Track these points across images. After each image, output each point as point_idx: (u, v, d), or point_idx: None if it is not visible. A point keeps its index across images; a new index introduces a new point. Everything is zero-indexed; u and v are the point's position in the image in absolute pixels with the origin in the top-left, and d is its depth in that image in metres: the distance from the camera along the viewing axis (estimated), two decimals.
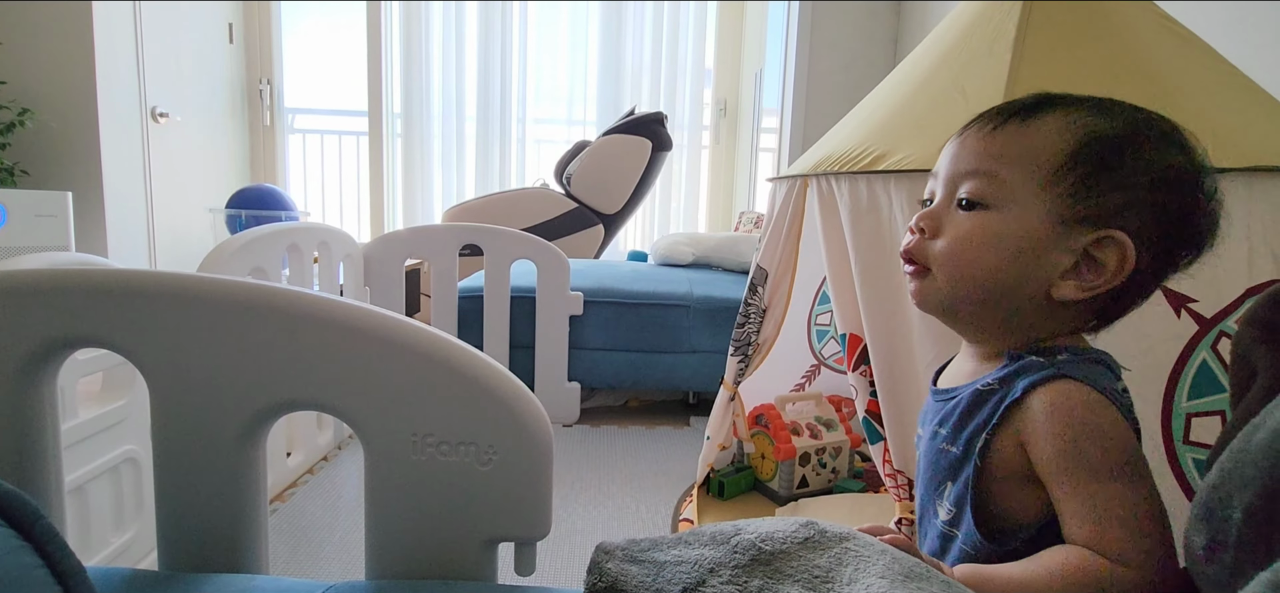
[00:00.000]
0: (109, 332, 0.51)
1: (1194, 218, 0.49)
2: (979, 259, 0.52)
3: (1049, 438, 0.48)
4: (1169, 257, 0.50)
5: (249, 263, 1.27)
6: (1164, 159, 0.49)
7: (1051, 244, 0.50)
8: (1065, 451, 0.47)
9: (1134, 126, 0.50)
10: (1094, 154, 0.49)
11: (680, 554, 0.43)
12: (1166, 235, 0.49)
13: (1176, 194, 0.49)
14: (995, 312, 0.53)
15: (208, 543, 0.54)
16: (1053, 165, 0.50)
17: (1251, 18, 1.46)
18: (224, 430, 0.52)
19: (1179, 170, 0.49)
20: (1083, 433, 0.47)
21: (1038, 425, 0.48)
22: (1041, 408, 0.48)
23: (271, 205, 2.69)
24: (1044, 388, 0.49)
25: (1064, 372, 0.49)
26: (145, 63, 2.77)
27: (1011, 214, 0.51)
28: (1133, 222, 0.48)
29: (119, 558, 0.99)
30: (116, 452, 0.98)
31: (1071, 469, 0.47)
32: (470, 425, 0.52)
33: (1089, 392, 0.48)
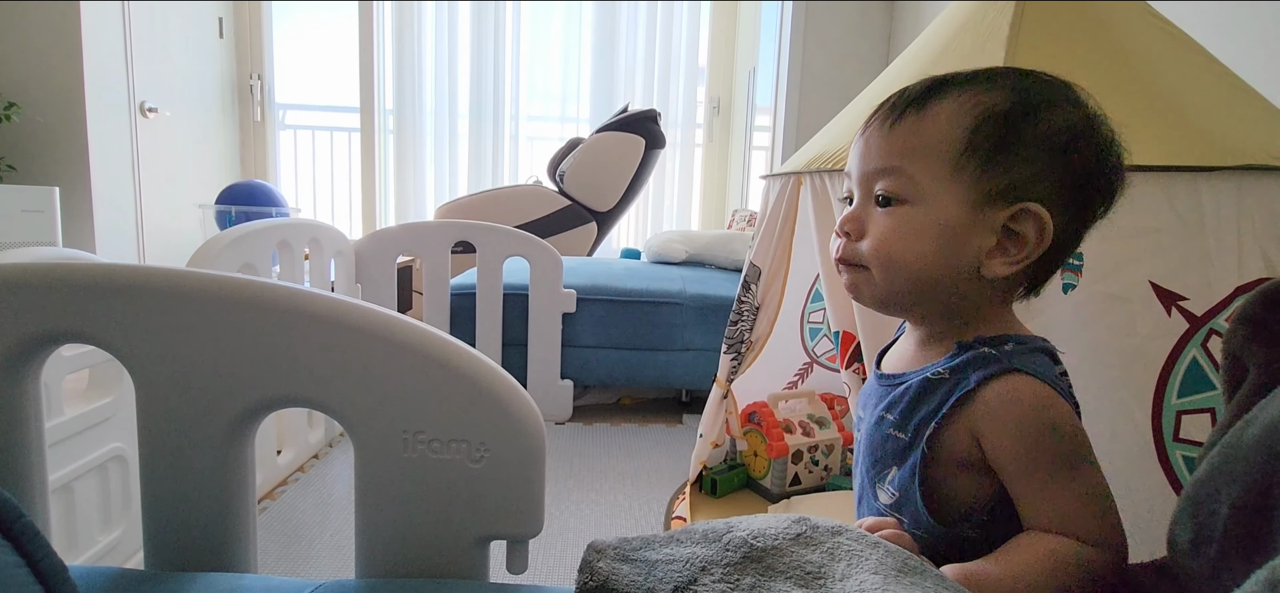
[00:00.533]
0: (93, 327, 0.50)
1: (1102, 170, 0.51)
2: (905, 254, 0.53)
3: (1006, 435, 0.49)
4: (1086, 212, 0.52)
5: (239, 259, 1.25)
6: (1060, 120, 0.50)
7: (971, 227, 0.51)
8: (1026, 449, 0.49)
9: (1024, 94, 0.51)
10: (991, 132, 0.50)
11: (672, 553, 0.42)
12: (1079, 193, 0.50)
13: (1079, 152, 0.50)
14: (931, 299, 0.54)
15: (195, 542, 0.54)
16: (955, 152, 0.51)
17: (1242, 18, 1.47)
18: (212, 427, 0.52)
19: (1076, 127, 0.50)
20: (1040, 431, 0.48)
21: (993, 421, 0.49)
22: (995, 404, 0.49)
23: (262, 202, 2.67)
24: (996, 382, 0.50)
25: (1014, 365, 0.50)
26: (134, 57, 2.74)
27: (927, 206, 0.52)
28: (1043, 188, 0.50)
29: (106, 557, 0.98)
30: (103, 450, 0.97)
31: (1033, 467, 0.49)
32: (462, 422, 0.52)
33: (1039, 387, 0.49)
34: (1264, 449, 0.29)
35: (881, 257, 0.54)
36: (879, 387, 0.59)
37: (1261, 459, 0.29)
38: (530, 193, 2.98)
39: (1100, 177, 0.51)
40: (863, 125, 0.57)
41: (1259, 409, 0.31)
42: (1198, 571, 0.39)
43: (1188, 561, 0.40)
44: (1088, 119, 0.50)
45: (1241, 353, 0.37)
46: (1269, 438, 0.29)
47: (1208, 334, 0.85)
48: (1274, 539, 0.28)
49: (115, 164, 2.69)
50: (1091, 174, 0.50)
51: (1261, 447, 0.29)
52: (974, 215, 0.51)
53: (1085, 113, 0.51)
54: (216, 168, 3.40)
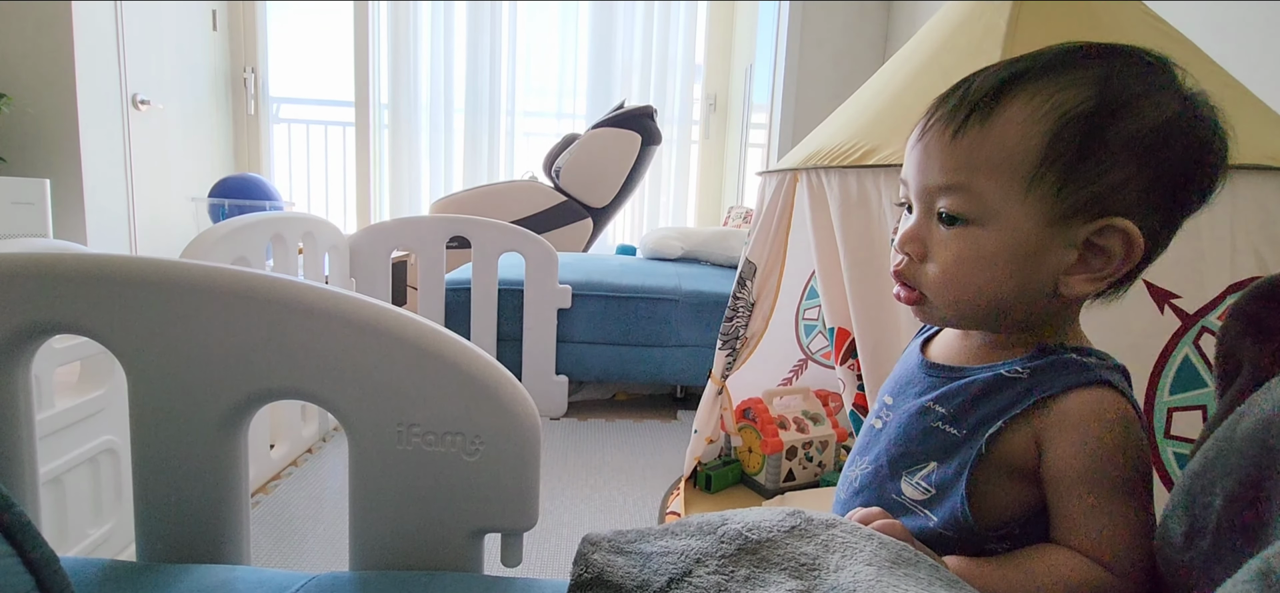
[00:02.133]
0: (85, 317, 0.50)
1: (1200, 165, 0.45)
2: (973, 281, 0.48)
3: (1078, 446, 0.45)
4: (1180, 211, 0.46)
5: (232, 253, 1.25)
6: (1151, 116, 0.44)
7: (1048, 247, 0.46)
8: (1094, 465, 0.45)
9: (1109, 89, 0.44)
10: (1071, 139, 0.44)
11: (667, 545, 0.42)
12: (1172, 194, 0.45)
13: (1173, 149, 0.44)
14: (1001, 319, 0.50)
15: (187, 534, 0.53)
16: (1030, 165, 0.45)
17: (1235, 18, 1.48)
18: (204, 419, 0.51)
19: (1170, 123, 0.44)
20: (1114, 450, 0.45)
21: (1069, 431, 0.46)
22: (1079, 413, 0.45)
23: (255, 195, 2.65)
24: (1085, 392, 0.46)
25: (1104, 378, 0.46)
26: (126, 49, 2.72)
27: (998, 227, 0.46)
28: (1131, 197, 0.44)
29: (97, 550, 0.97)
30: (95, 442, 0.96)
31: (1093, 484, 0.45)
32: (457, 415, 0.52)
33: (1126, 406, 0.46)
34: (1257, 442, 0.29)
35: (948, 284, 0.49)
36: (925, 375, 0.54)
37: (1255, 452, 0.29)
38: (526, 188, 2.97)
39: (1198, 172, 0.45)
40: (921, 126, 0.51)
41: (1252, 402, 0.31)
42: (1190, 563, 0.39)
43: (1179, 554, 0.40)
44: (1183, 108, 0.44)
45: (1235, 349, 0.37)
46: (1262, 431, 0.29)
47: (1200, 332, 0.85)
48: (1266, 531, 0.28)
49: (107, 157, 2.67)
50: (1187, 172, 0.45)
51: (1255, 439, 0.29)
52: (1052, 233, 0.46)
53: (1180, 100, 0.44)
54: (210, 161, 3.38)
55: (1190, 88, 0.45)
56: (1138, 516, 0.45)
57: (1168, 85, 0.45)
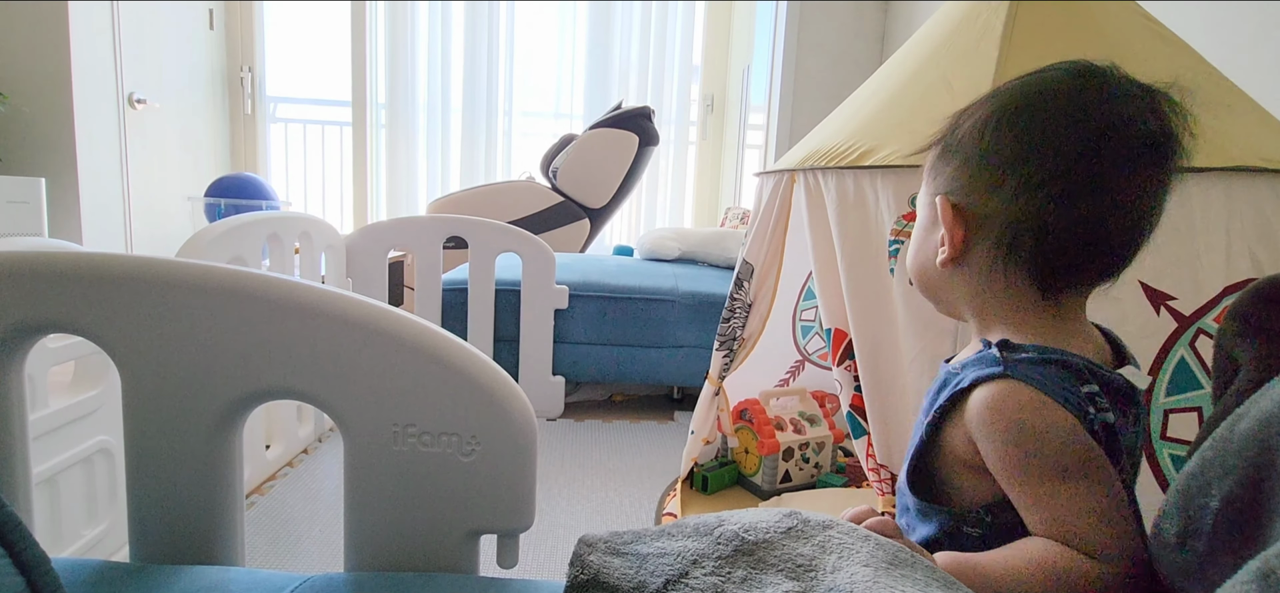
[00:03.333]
0: (78, 316, 0.50)
1: (1024, 151, 0.50)
2: (909, 256, 0.60)
3: (990, 439, 0.49)
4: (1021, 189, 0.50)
5: (228, 252, 1.24)
6: (981, 114, 0.53)
7: (931, 226, 0.56)
8: (1011, 457, 0.48)
9: (973, 104, 0.54)
10: (942, 135, 0.56)
11: (663, 546, 0.42)
12: (998, 175, 0.51)
13: (991, 139, 0.52)
14: (937, 299, 0.60)
15: (181, 535, 0.53)
16: (929, 163, 0.58)
17: (1230, 19, 1.48)
18: (199, 419, 0.51)
19: (991, 117, 0.52)
20: (1025, 436, 0.47)
21: (979, 427, 0.49)
22: (980, 406, 0.49)
23: (252, 194, 2.64)
24: (987, 386, 0.49)
25: (1011, 372, 0.48)
26: (122, 48, 2.70)
27: (919, 216, 0.59)
28: (960, 181, 0.53)
29: (91, 551, 0.97)
30: (89, 443, 0.95)
31: (1019, 472, 0.48)
32: (452, 415, 0.52)
33: (1027, 394, 0.47)
34: (1256, 443, 0.29)
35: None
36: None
37: (1253, 453, 0.29)
38: (523, 189, 2.97)
39: (1011, 153, 0.50)
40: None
41: (1251, 403, 0.31)
42: (1184, 564, 0.39)
43: (1173, 554, 0.40)
44: (1002, 109, 0.52)
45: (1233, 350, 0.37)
46: (1261, 432, 0.29)
47: (1196, 334, 0.86)
48: (1263, 533, 0.28)
49: (103, 156, 2.65)
50: (1000, 153, 0.51)
51: (1254, 440, 0.29)
52: (930, 214, 0.56)
53: (1004, 102, 0.52)
54: (206, 161, 3.37)
55: (1019, 97, 0.52)
56: (1087, 494, 0.46)
57: (1004, 94, 0.53)
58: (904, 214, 0.92)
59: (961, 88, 0.94)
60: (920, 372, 0.91)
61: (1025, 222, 0.50)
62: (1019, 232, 0.50)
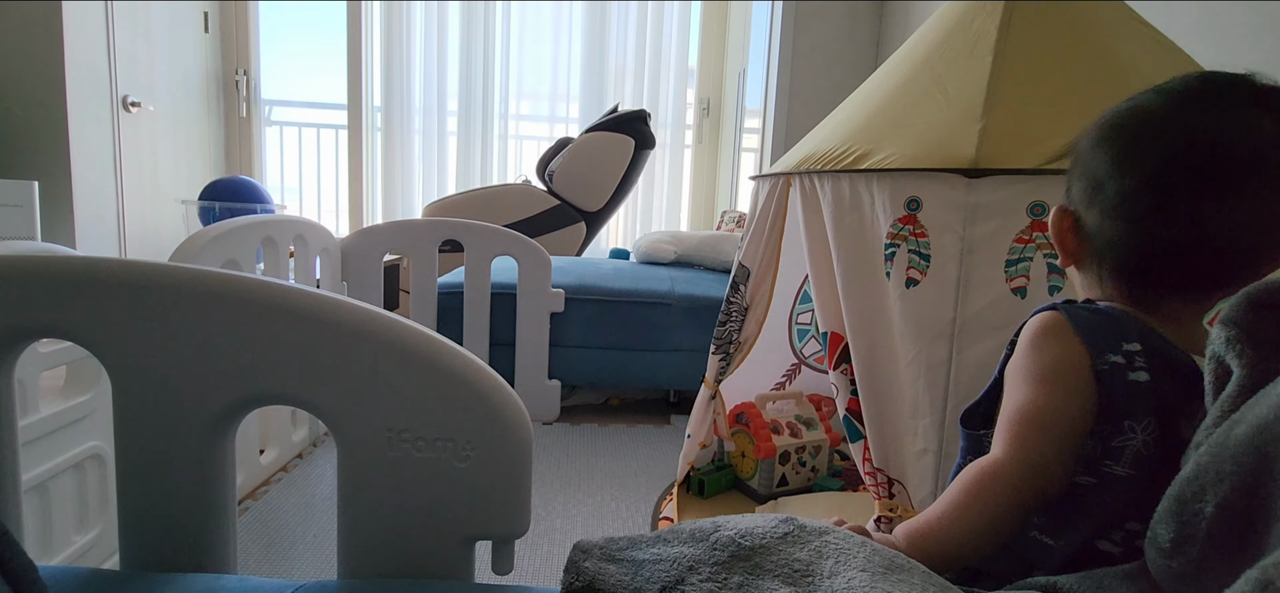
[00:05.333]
0: (68, 321, 0.49)
1: (1103, 164, 0.55)
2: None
3: (1018, 348, 0.55)
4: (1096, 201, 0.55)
5: (222, 255, 1.24)
6: (1095, 127, 0.57)
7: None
8: (1019, 356, 0.54)
9: (1110, 110, 0.57)
10: (1071, 146, 0.60)
11: (659, 552, 0.42)
12: (1088, 189, 0.56)
13: (1093, 151, 0.56)
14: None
15: (173, 542, 0.53)
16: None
17: (1222, 23, 1.49)
18: (190, 425, 0.51)
19: (1096, 130, 0.56)
20: (1028, 344, 0.53)
21: (1019, 341, 0.55)
22: (1023, 329, 0.55)
23: (246, 197, 2.63)
24: (1035, 315, 0.55)
25: (1060, 308, 0.54)
26: (116, 50, 2.69)
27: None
28: (1071, 191, 0.58)
29: (82, 558, 0.96)
30: (80, 449, 0.95)
31: (1012, 373, 0.54)
32: (447, 420, 0.51)
33: (1058, 318, 0.53)
34: (1252, 449, 0.29)
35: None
36: None
37: (1249, 459, 0.29)
38: (519, 192, 2.96)
39: (1106, 170, 0.54)
40: None
41: (1247, 408, 0.31)
42: (1178, 571, 0.39)
43: (1167, 560, 0.40)
44: (1105, 124, 0.56)
45: (1225, 355, 0.37)
46: (1258, 438, 0.29)
47: None
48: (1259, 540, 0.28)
49: (97, 159, 2.64)
50: (1099, 169, 0.55)
51: (1250, 446, 0.29)
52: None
53: (1109, 117, 0.56)
54: (201, 164, 3.36)
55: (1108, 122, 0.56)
56: (1022, 400, 0.51)
57: (1113, 111, 0.57)
58: (900, 217, 0.92)
59: (956, 92, 0.94)
60: (917, 375, 0.91)
61: (1111, 239, 0.54)
62: (1106, 248, 0.55)
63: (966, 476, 0.50)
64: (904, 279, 0.91)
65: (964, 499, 0.50)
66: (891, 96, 1.04)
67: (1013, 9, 0.96)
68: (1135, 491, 0.48)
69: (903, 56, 1.12)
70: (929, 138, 0.91)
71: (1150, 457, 0.49)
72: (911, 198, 0.91)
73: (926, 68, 1.02)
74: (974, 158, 0.85)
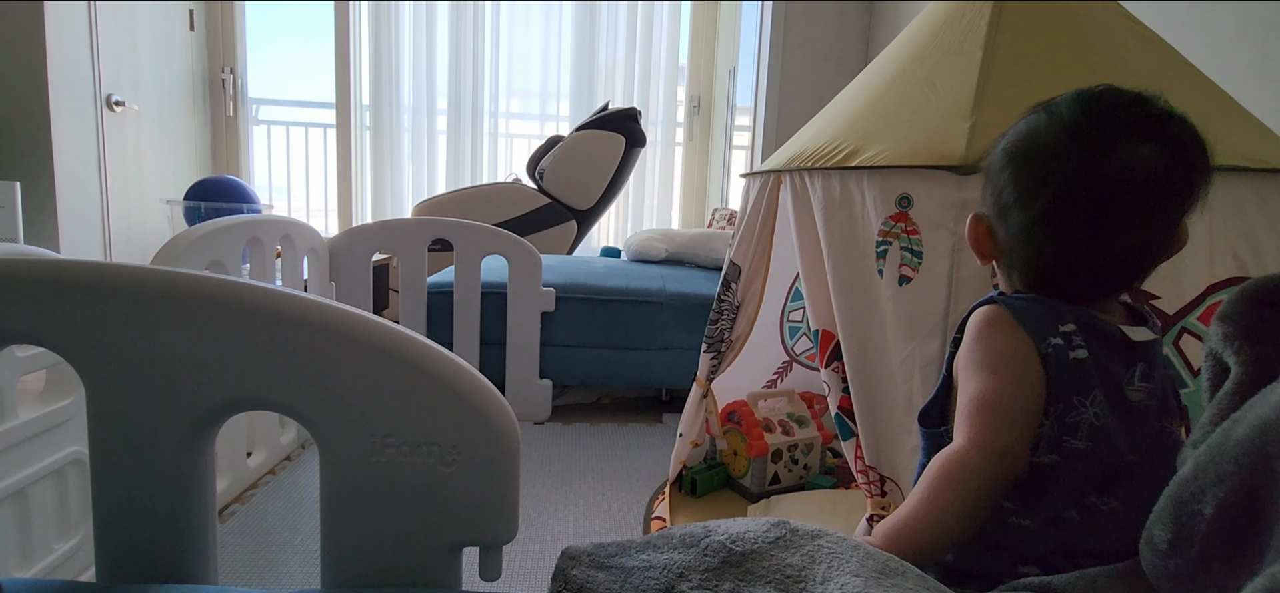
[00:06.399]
0: (39, 326, 0.48)
1: (1007, 189, 0.59)
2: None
3: (964, 343, 0.58)
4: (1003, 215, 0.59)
5: (207, 256, 1.22)
6: (999, 145, 0.61)
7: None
8: (966, 350, 0.57)
9: (1013, 126, 0.61)
10: (986, 151, 0.64)
11: (648, 559, 0.41)
12: (996, 207, 0.60)
13: (997, 172, 0.60)
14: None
15: (150, 553, 0.51)
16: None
17: (1211, 19, 1.50)
18: (167, 432, 0.49)
19: (1001, 152, 0.60)
20: (974, 336, 0.57)
21: (965, 337, 0.58)
22: (969, 323, 0.58)
23: (232, 197, 2.60)
24: (976, 310, 0.58)
25: (997, 299, 0.58)
26: (100, 49, 2.66)
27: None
28: (984, 202, 0.62)
29: (63, 566, 0.94)
30: (61, 454, 0.93)
31: (962, 367, 0.56)
32: (432, 425, 0.50)
33: (1003, 311, 0.56)
34: (1253, 450, 0.28)
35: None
36: None
37: (1250, 461, 0.29)
38: (509, 191, 2.95)
39: (1011, 195, 0.58)
40: None
41: (1247, 408, 0.31)
42: (1174, 572, 0.38)
43: (1163, 561, 0.39)
44: (1008, 146, 0.59)
45: (1222, 352, 0.36)
46: (1259, 438, 0.28)
47: (1180, 332, 0.86)
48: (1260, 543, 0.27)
49: (80, 159, 2.61)
50: (1005, 193, 0.59)
51: (1251, 447, 0.29)
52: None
53: (1011, 139, 0.59)
54: (187, 164, 3.32)
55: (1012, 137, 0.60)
56: (978, 388, 0.54)
57: (1012, 130, 0.61)
58: (891, 214, 0.91)
59: (946, 88, 0.94)
60: (909, 373, 0.91)
61: (1028, 253, 0.58)
62: (1023, 259, 0.59)
63: (933, 469, 0.52)
64: (896, 277, 0.91)
65: (933, 493, 0.51)
66: (882, 93, 1.04)
67: (1002, 6, 0.96)
68: (1096, 461, 0.52)
69: (892, 53, 1.11)
70: (919, 135, 0.91)
71: (1104, 427, 0.52)
72: (902, 195, 0.90)
73: (916, 64, 1.02)
74: (964, 154, 0.85)
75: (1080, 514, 0.52)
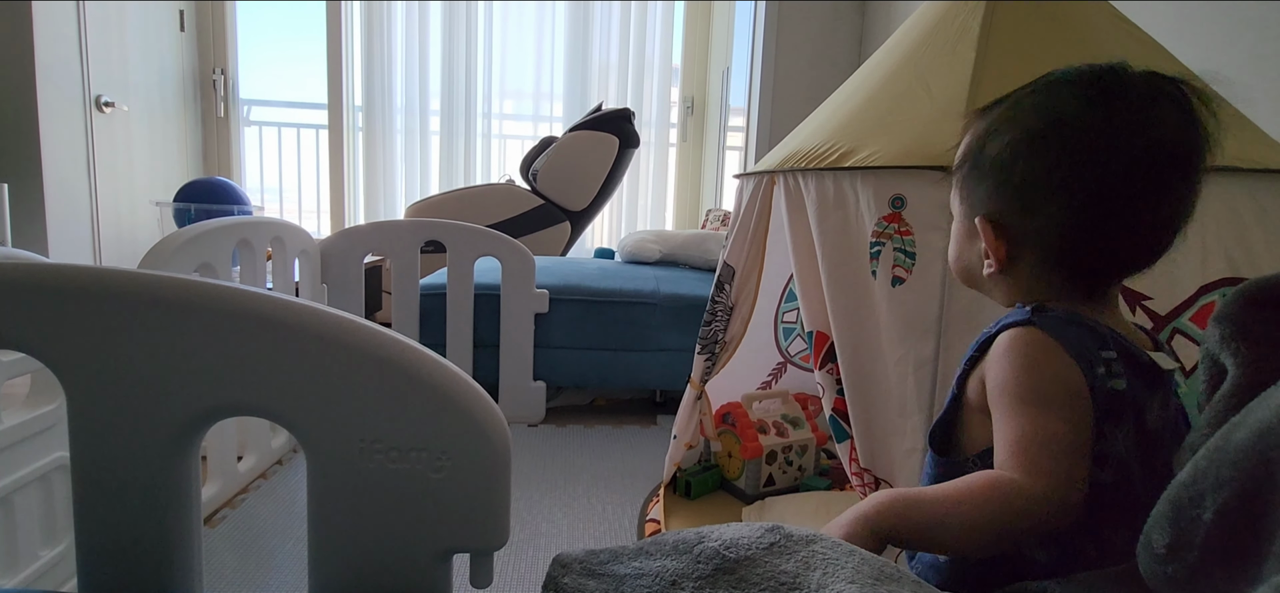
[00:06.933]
0: (18, 330, 0.47)
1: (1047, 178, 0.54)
2: (952, 256, 0.64)
3: (996, 369, 0.53)
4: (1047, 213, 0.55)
5: (195, 259, 1.21)
6: (1003, 142, 0.56)
7: (970, 234, 0.60)
8: (1005, 380, 0.52)
9: (991, 122, 0.58)
10: (965, 157, 0.59)
11: (641, 566, 0.41)
12: (1026, 200, 0.55)
13: (1017, 164, 0.55)
14: (981, 287, 0.62)
15: (133, 564, 0.50)
16: (959, 173, 0.61)
17: (1202, 19, 1.50)
18: (150, 439, 0.48)
19: (1017, 147, 0.55)
20: (1021, 365, 0.52)
21: (994, 359, 0.54)
22: (1001, 346, 0.54)
23: (223, 199, 2.58)
24: (1010, 330, 0.54)
25: (1036, 322, 0.53)
26: (89, 49, 2.63)
27: (956, 217, 0.62)
28: (994, 202, 0.57)
29: (48, 574, 0.93)
30: (47, 460, 0.92)
31: (1004, 395, 0.52)
32: (421, 430, 0.49)
33: (1039, 334, 0.52)
34: (1254, 454, 0.28)
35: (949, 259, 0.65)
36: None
37: (1251, 464, 0.28)
38: (502, 192, 2.94)
39: (1044, 184, 0.54)
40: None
41: (1247, 412, 0.30)
42: (1173, 576, 0.38)
43: (1161, 565, 0.39)
44: (1028, 134, 0.55)
45: (1220, 354, 0.36)
46: (1260, 443, 0.28)
47: (1172, 334, 0.86)
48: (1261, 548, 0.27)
49: (69, 160, 2.58)
50: (1034, 183, 0.55)
51: (1252, 452, 0.28)
52: (969, 226, 0.60)
53: (1028, 126, 0.55)
54: (177, 165, 3.30)
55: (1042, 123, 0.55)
56: (1045, 423, 0.49)
57: (1021, 121, 0.56)
58: (884, 215, 0.91)
59: (939, 88, 0.94)
60: (903, 375, 0.90)
61: (1066, 239, 0.54)
62: (1062, 247, 0.55)
63: (980, 485, 0.48)
64: (890, 278, 0.90)
65: (971, 510, 0.48)
66: (875, 94, 1.04)
67: (995, 6, 0.96)
68: (1117, 493, 0.50)
69: (886, 54, 1.11)
70: (912, 135, 0.91)
71: (1129, 459, 0.50)
72: (896, 195, 0.90)
73: (909, 65, 1.01)
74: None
75: (1095, 546, 0.50)
